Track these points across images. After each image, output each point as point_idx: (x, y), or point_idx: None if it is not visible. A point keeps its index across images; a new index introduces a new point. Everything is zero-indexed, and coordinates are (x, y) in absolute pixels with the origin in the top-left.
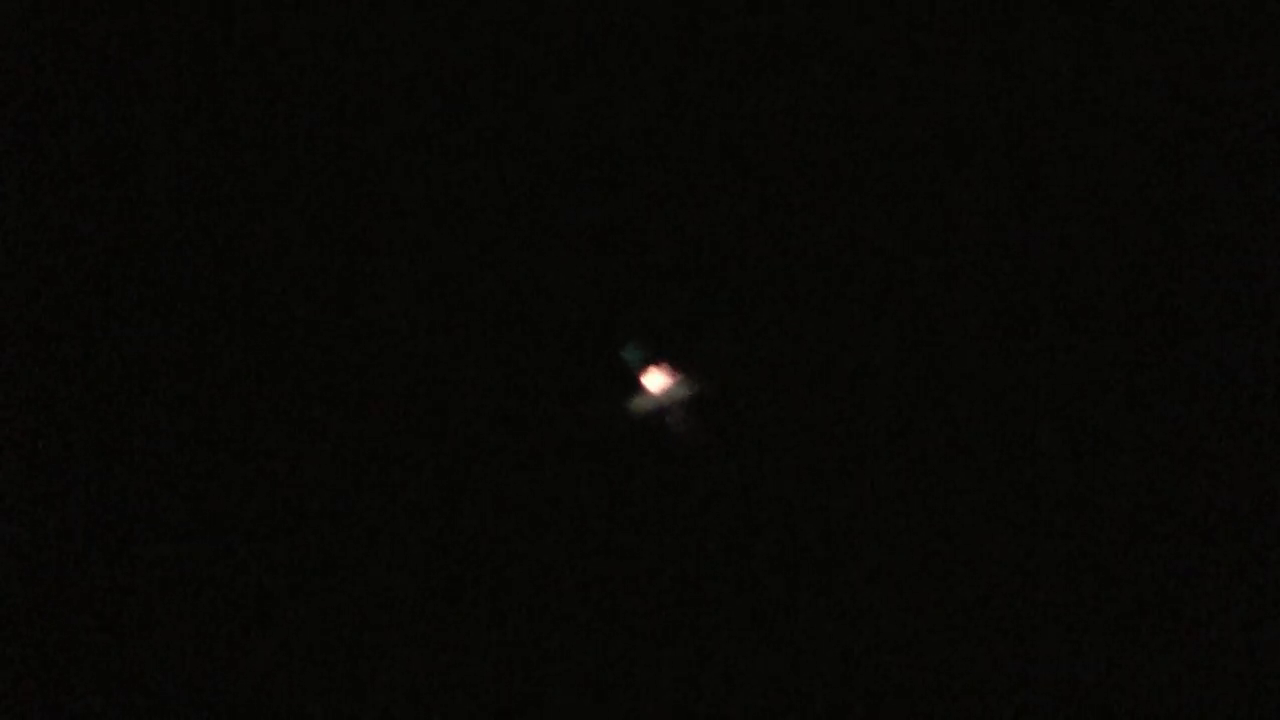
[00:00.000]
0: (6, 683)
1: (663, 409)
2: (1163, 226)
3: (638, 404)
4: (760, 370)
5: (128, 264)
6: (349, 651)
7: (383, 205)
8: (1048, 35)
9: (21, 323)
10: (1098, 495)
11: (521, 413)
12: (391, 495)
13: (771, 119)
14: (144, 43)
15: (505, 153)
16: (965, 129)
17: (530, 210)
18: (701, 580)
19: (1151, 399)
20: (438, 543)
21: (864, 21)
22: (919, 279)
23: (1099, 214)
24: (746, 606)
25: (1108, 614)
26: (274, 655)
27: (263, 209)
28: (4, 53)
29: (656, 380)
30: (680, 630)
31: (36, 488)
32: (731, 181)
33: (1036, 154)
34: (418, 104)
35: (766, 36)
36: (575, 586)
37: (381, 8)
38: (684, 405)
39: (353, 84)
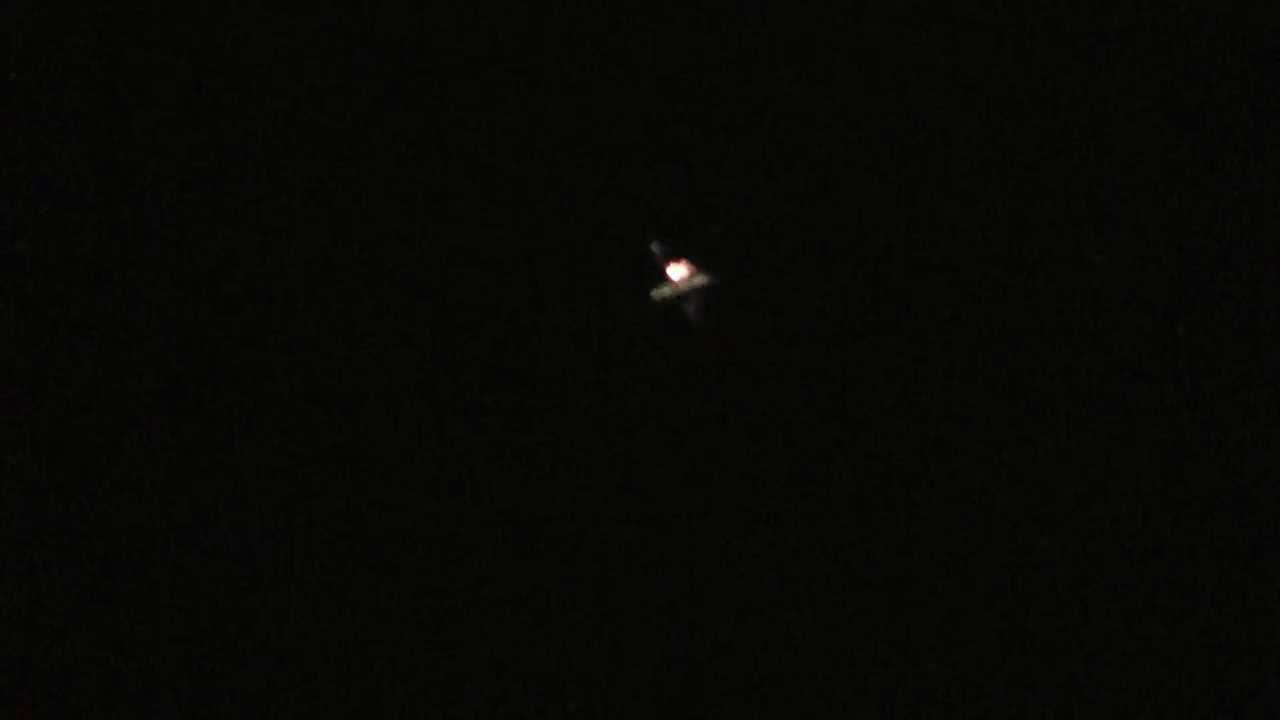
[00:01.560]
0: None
1: (684, 297)
2: (1162, 226)
3: (662, 292)
4: (773, 264)
5: (125, 262)
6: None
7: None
8: (1047, 35)
9: (22, 322)
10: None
11: (552, 300)
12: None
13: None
14: (143, 42)
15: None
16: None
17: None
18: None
19: (1152, 399)
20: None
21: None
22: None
23: (1099, 208)
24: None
25: (1107, 614)
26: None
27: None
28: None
29: (679, 272)
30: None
31: (36, 487)
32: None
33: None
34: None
35: None
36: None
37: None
38: (703, 293)
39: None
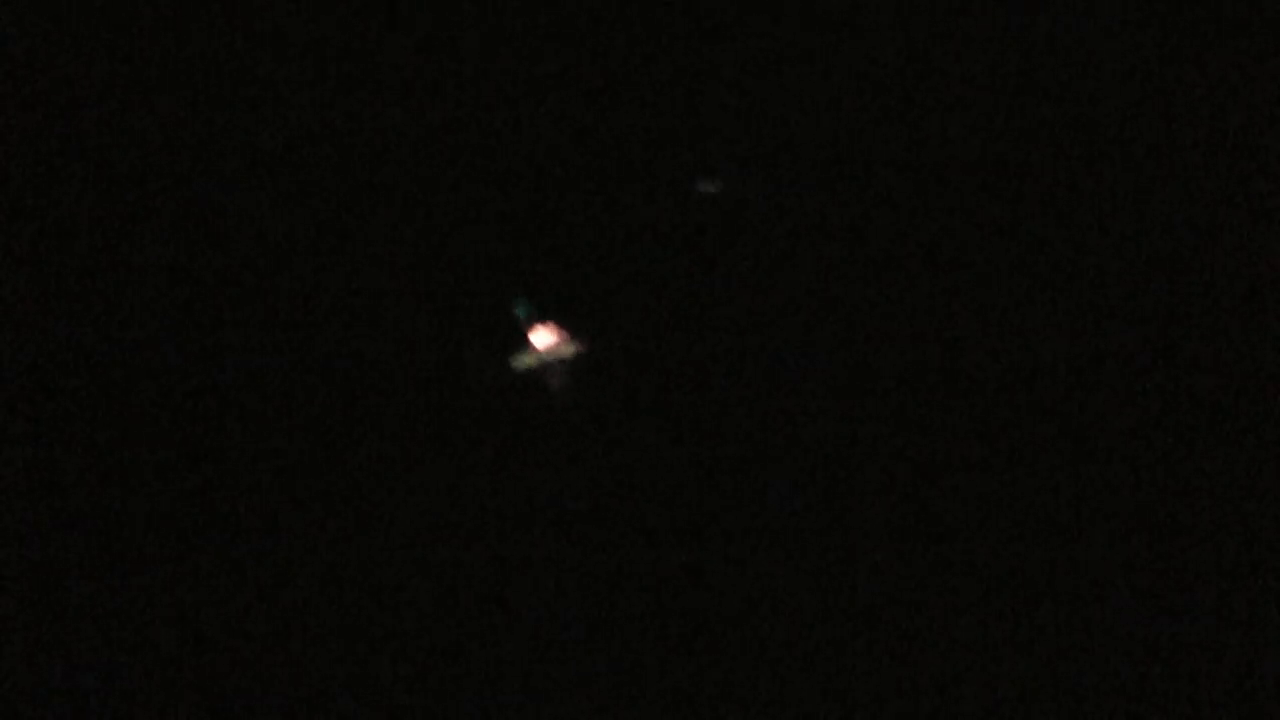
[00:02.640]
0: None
1: (549, 367)
2: (1161, 226)
3: (524, 361)
4: (657, 333)
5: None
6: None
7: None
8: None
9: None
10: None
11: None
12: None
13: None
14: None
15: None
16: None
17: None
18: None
19: (1150, 399)
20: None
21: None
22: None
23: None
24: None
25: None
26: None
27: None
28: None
29: (543, 338)
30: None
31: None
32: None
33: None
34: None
35: None
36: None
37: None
38: (569, 364)
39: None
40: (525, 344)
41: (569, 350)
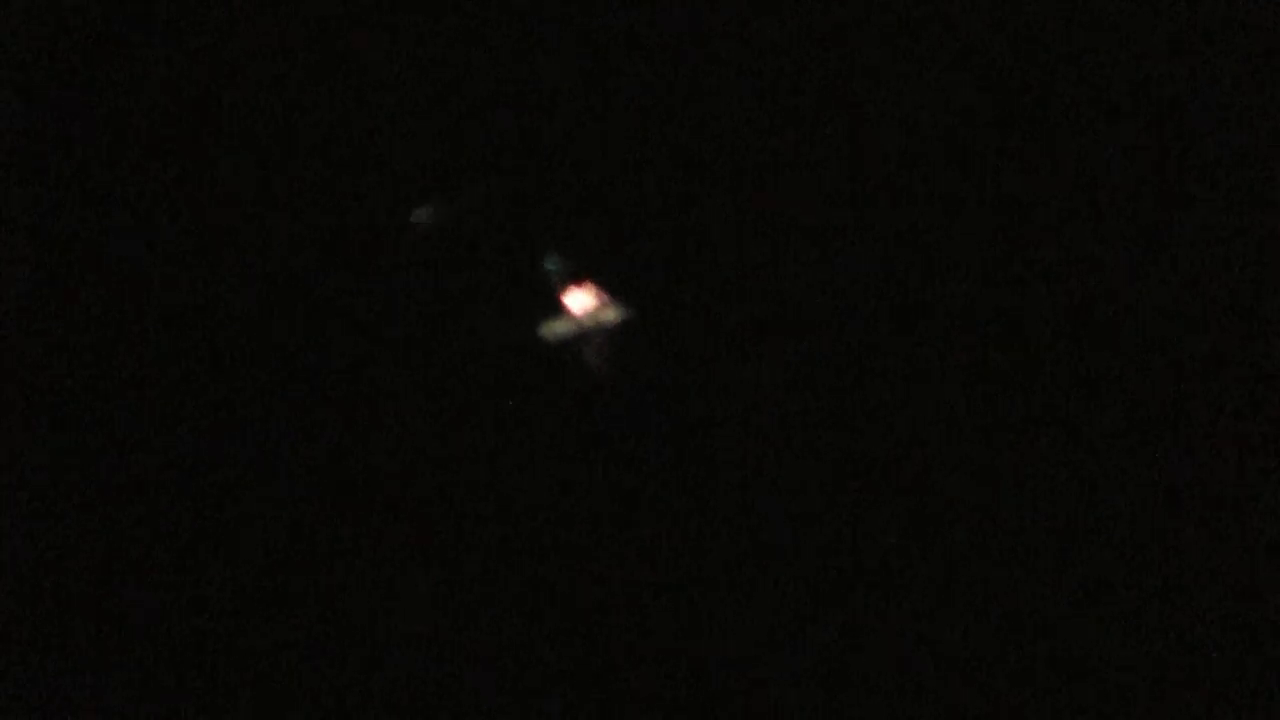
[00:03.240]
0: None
1: (585, 337)
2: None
3: (554, 330)
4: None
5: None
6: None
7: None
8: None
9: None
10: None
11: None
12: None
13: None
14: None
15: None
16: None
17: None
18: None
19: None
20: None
21: None
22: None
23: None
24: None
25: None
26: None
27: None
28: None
29: (580, 301)
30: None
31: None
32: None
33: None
34: None
35: None
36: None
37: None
38: (611, 333)
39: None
40: (557, 309)
41: (611, 316)
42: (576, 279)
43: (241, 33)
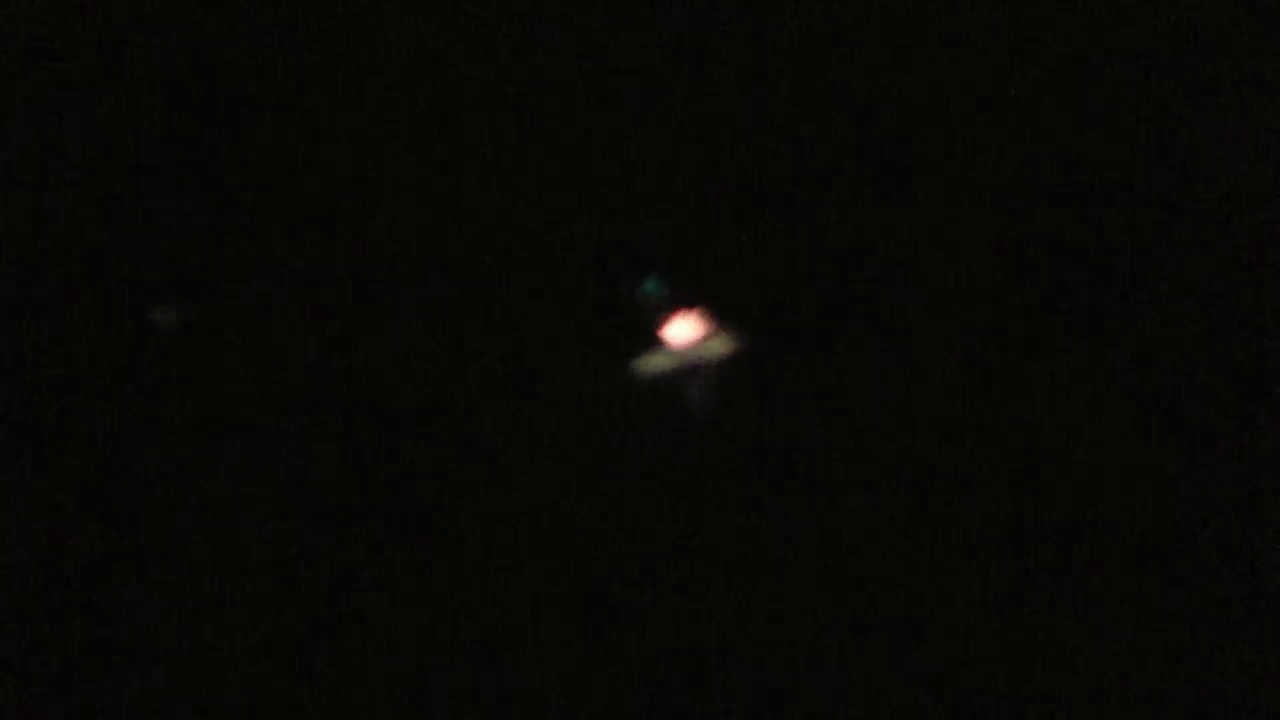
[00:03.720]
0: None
1: (688, 372)
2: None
3: (652, 364)
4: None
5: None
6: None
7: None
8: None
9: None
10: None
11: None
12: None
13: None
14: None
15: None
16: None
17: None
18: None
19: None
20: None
21: None
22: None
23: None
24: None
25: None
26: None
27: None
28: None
29: (682, 332)
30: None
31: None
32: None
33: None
34: None
35: None
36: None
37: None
38: (717, 367)
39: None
40: (655, 341)
41: (718, 348)
42: (677, 306)
43: (242, 33)
